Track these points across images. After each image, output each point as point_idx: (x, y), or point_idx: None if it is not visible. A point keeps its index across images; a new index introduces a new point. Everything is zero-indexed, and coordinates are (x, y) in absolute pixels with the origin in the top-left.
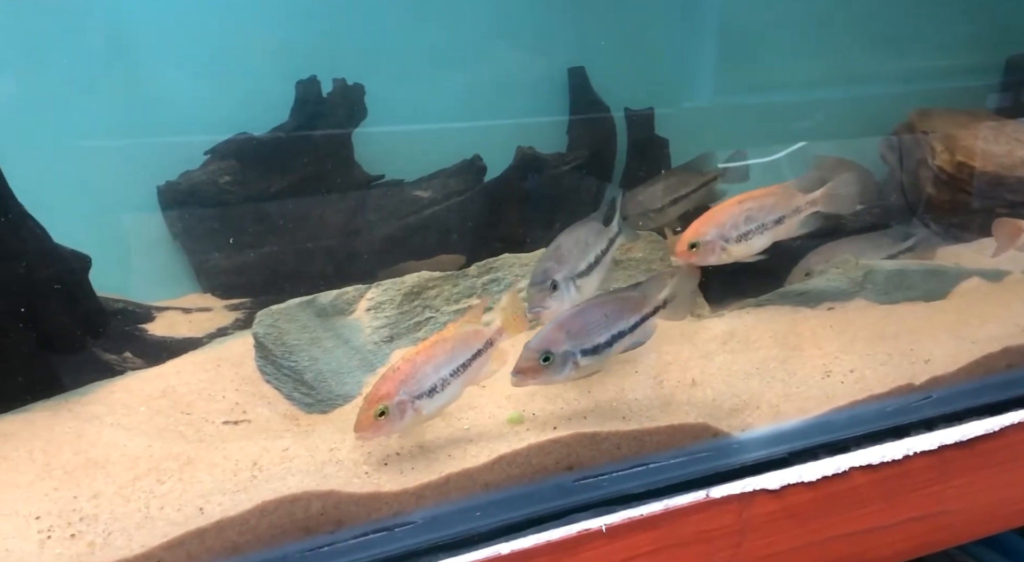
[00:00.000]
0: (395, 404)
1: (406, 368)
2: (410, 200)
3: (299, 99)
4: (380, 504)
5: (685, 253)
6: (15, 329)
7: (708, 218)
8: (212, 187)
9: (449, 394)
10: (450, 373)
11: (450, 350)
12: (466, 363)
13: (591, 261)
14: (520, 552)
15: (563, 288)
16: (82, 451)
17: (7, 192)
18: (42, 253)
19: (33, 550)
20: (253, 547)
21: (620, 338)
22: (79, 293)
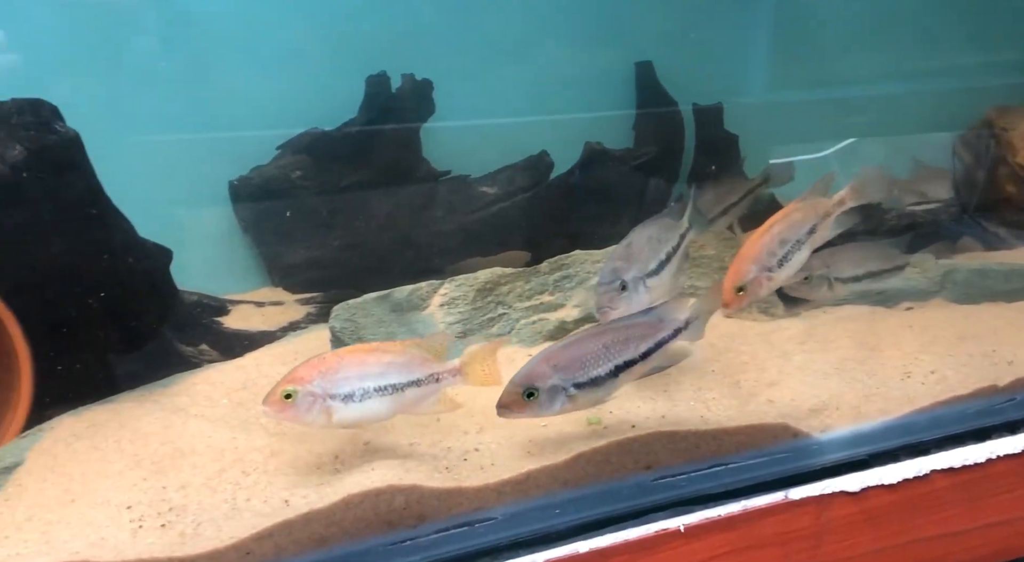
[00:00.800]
0: (304, 392)
1: (331, 361)
2: (476, 196)
3: (369, 94)
4: (461, 499)
5: (735, 299)
6: (103, 320)
7: (744, 256)
8: (283, 182)
9: (369, 409)
10: (375, 387)
11: (385, 364)
12: (398, 386)
13: (662, 259)
14: (598, 551)
15: (632, 288)
16: (169, 442)
17: (97, 187)
18: (128, 246)
19: (126, 539)
20: (338, 540)
21: (628, 367)
22: (161, 286)
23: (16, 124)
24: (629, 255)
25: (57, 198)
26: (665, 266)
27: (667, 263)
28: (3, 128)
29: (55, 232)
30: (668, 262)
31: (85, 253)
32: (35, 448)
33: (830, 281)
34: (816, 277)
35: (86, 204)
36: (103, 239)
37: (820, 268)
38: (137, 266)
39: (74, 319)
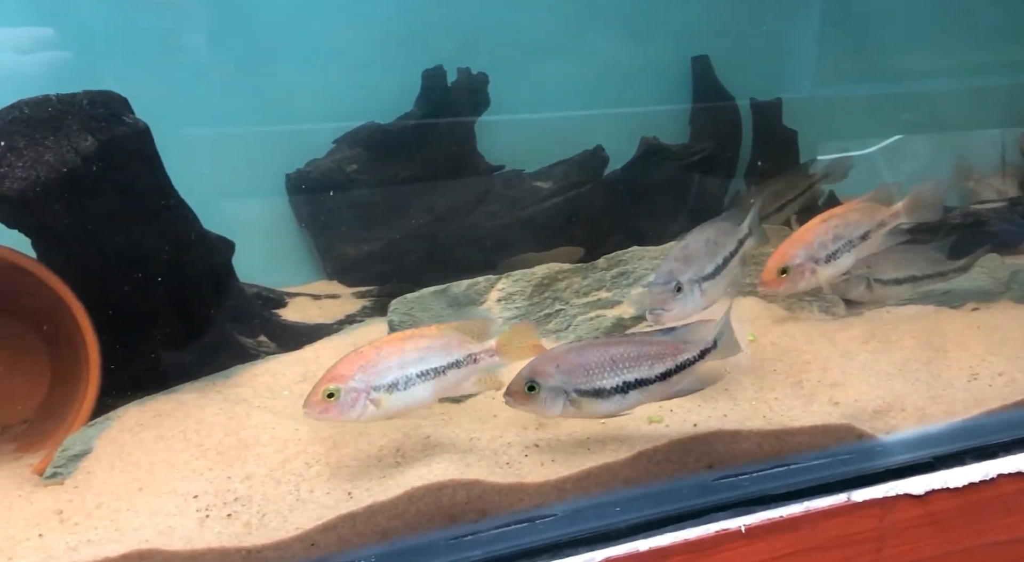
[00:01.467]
0: (347, 389)
1: (369, 354)
2: (530, 191)
3: (425, 88)
4: (522, 495)
5: (775, 281)
6: (168, 312)
7: (795, 239)
8: (339, 175)
9: (414, 396)
10: (417, 374)
11: (423, 349)
12: (440, 369)
13: (719, 263)
14: (658, 550)
15: (688, 291)
16: (233, 432)
17: (165, 178)
18: (194, 238)
19: (194, 528)
20: (401, 533)
21: (641, 386)
22: (224, 278)
23: (88, 116)
24: (686, 256)
25: (127, 189)
26: (722, 271)
27: (723, 268)
28: (76, 120)
29: (125, 223)
30: (725, 267)
31: (153, 245)
32: (103, 437)
33: (869, 281)
34: (855, 277)
35: (155, 196)
36: (170, 231)
37: (861, 268)
38: (202, 258)
39: (141, 310)
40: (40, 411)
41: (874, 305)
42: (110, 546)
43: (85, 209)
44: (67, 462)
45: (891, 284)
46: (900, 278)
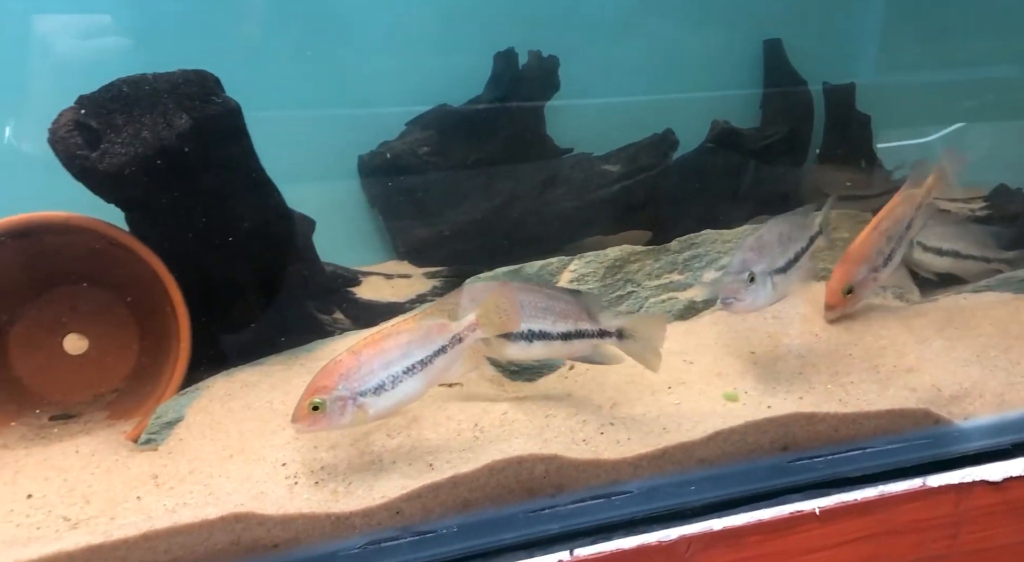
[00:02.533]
0: (332, 399)
1: (349, 361)
2: (599, 174)
3: (496, 71)
4: (599, 471)
5: (842, 301)
6: (254, 286)
7: (854, 256)
8: (411, 157)
9: (403, 392)
10: (403, 370)
11: (404, 344)
12: (425, 360)
13: (791, 258)
14: (731, 529)
15: (760, 282)
16: None
17: (254, 156)
18: (279, 215)
19: (284, 494)
20: (481, 505)
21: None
22: (306, 255)
23: (183, 94)
24: (760, 247)
25: (218, 167)
26: (793, 265)
27: (794, 263)
28: (171, 98)
29: (215, 199)
30: (796, 262)
31: (241, 221)
32: (193, 405)
33: (912, 243)
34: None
35: (244, 173)
36: (257, 208)
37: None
38: (286, 235)
39: (227, 284)
40: (129, 380)
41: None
42: (208, 509)
43: (178, 185)
44: (160, 429)
45: (931, 252)
46: (942, 249)
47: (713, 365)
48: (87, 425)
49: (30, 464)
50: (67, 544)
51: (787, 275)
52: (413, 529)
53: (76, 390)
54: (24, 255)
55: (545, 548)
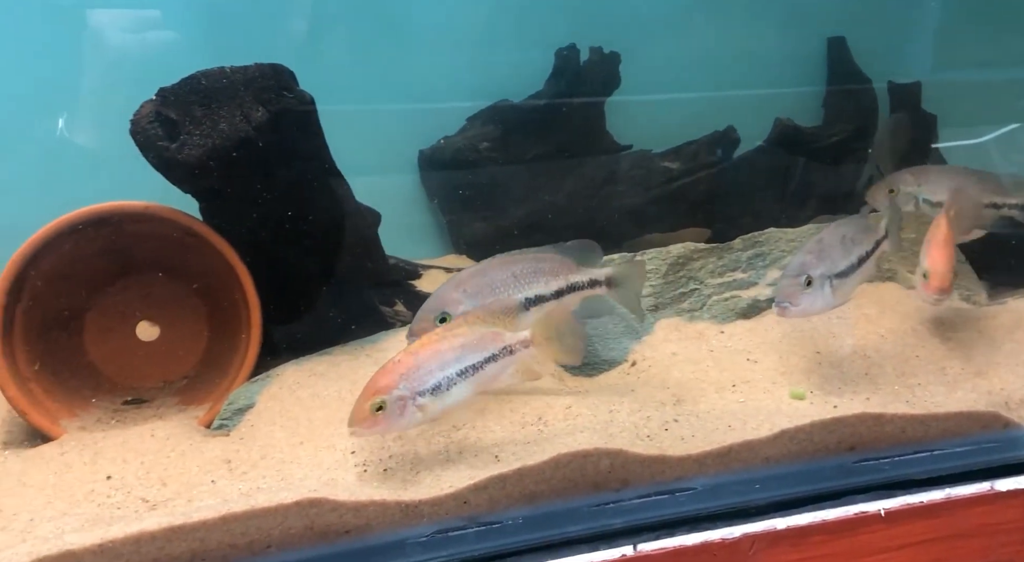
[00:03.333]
0: (393, 399)
1: (408, 361)
2: (658, 171)
3: (557, 67)
4: (664, 467)
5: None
6: (323, 277)
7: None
8: (472, 152)
9: (456, 395)
10: (457, 373)
11: (459, 347)
12: (477, 365)
13: (852, 262)
14: (795, 528)
15: (818, 286)
16: None
17: (326, 150)
18: (347, 208)
19: (353, 481)
20: (547, 497)
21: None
22: (371, 247)
23: (260, 87)
24: (820, 250)
25: (292, 159)
26: (855, 270)
27: (857, 267)
28: (248, 91)
29: (288, 191)
30: (859, 266)
31: (312, 213)
32: (264, 392)
33: (918, 200)
34: (904, 192)
35: (316, 166)
36: (328, 200)
37: (912, 184)
38: (353, 227)
39: (297, 274)
40: (199, 367)
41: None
42: (282, 493)
43: (253, 176)
44: (232, 415)
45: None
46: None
47: (777, 364)
48: (159, 410)
49: (108, 446)
50: (149, 524)
51: (847, 280)
52: (480, 519)
53: (147, 376)
54: (103, 243)
55: (609, 542)
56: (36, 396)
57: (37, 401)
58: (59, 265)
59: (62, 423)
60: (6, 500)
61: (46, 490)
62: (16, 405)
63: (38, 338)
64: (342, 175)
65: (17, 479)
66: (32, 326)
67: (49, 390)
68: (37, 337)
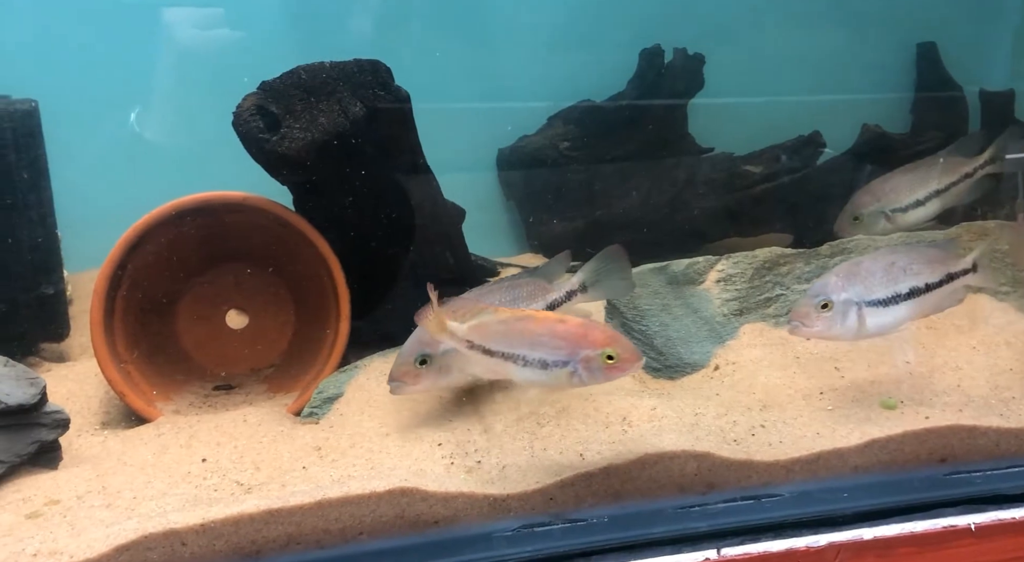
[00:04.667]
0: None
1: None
2: (740, 175)
3: (641, 68)
4: (751, 473)
5: None
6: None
7: None
8: (552, 151)
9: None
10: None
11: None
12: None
13: (900, 292)
14: (882, 539)
15: (839, 311)
16: (470, 389)
17: (419, 145)
18: (436, 204)
19: (442, 473)
20: (632, 497)
21: None
22: (455, 242)
23: (358, 83)
24: (851, 274)
25: (387, 153)
26: (900, 302)
27: (905, 299)
28: (347, 86)
29: (381, 185)
30: (908, 299)
31: (403, 207)
32: (352, 383)
33: (887, 214)
34: (869, 213)
35: (409, 161)
36: (418, 194)
37: (871, 203)
38: (440, 222)
39: (386, 267)
40: (285, 356)
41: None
42: (375, 482)
43: (348, 170)
44: (322, 403)
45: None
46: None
47: (866, 373)
48: (248, 397)
49: (202, 430)
50: (248, 507)
51: (890, 309)
52: (565, 516)
53: (236, 363)
54: (201, 231)
55: (693, 545)
56: (133, 379)
57: (134, 383)
58: (158, 252)
59: (157, 406)
60: (109, 478)
61: (146, 470)
62: (115, 387)
63: (136, 323)
64: (431, 171)
65: (118, 458)
66: (130, 311)
67: (145, 373)
68: (135, 322)
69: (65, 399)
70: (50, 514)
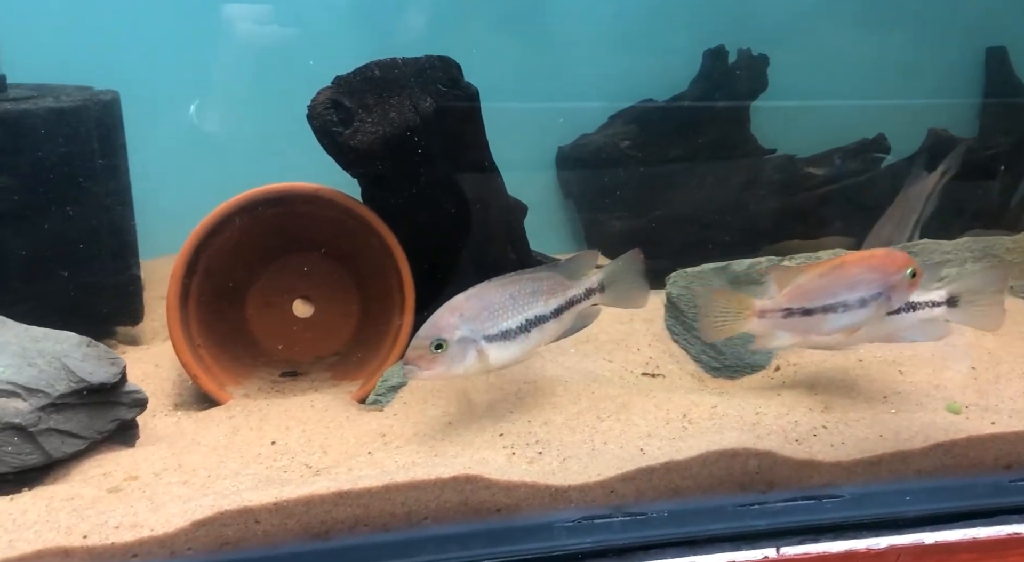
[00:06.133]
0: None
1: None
2: (802, 177)
3: (704, 67)
4: (812, 473)
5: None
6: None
7: None
8: (612, 150)
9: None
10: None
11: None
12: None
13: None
14: (944, 545)
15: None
16: (531, 381)
17: (486, 141)
18: (500, 199)
19: (503, 463)
20: (692, 493)
21: (540, 323)
22: (518, 238)
23: (429, 78)
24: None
25: (455, 148)
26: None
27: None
28: (418, 82)
29: (449, 179)
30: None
31: (470, 202)
32: None
33: None
34: None
35: (477, 157)
36: (484, 190)
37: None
38: (504, 217)
39: (450, 260)
40: (349, 345)
41: None
42: (440, 468)
43: (418, 164)
44: (386, 392)
45: None
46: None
47: (930, 377)
48: (314, 383)
49: (272, 413)
50: (318, 488)
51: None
52: (625, 509)
53: (301, 351)
54: (273, 222)
55: (752, 543)
56: (206, 362)
57: (207, 367)
58: (232, 240)
59: (228, 389)
60: (184, 457)
61: (218, 450)
62: (189, 370)
63: (208, 309)
64: (497, 168)
65: (192, 439)
66: (204, 298)
67: (216, 358)
68: (207, 308)
69: (140, 381)
70: (130, 489)
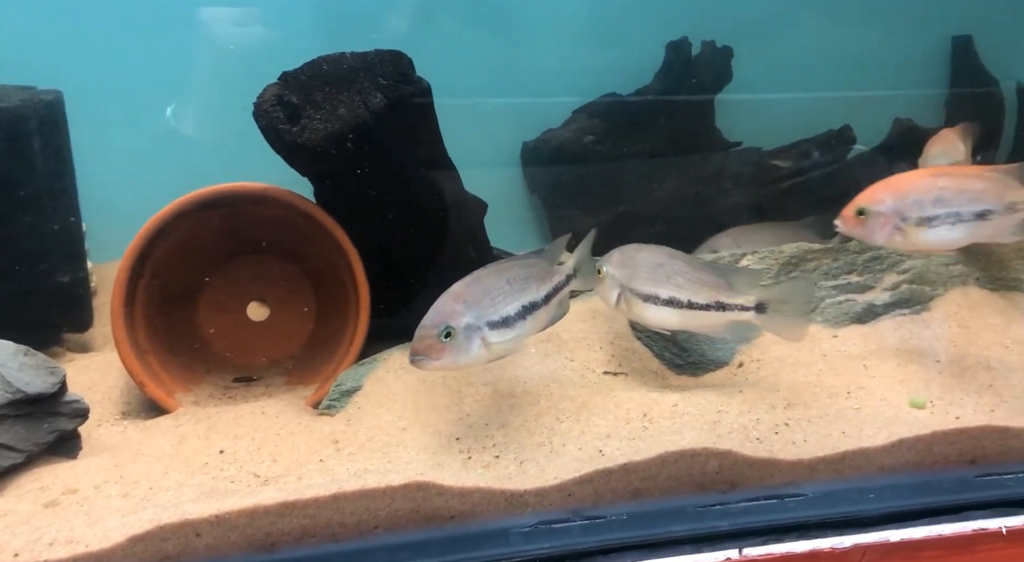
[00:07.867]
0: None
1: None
2: (768, 169)
3: (668, 60)
4: (773, 471)
5: (851, 220)
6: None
7: (892, 186)
8: (576, 145)
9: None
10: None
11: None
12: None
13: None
14: (909, 542)
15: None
16: (489, 383)
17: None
18: (456, 198)
19: (459, 467)
20: (652, 495)
21: (533, 310)
22: (477, 236)
23: (378, 74)
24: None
25: (407, 145)
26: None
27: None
28: (368, 77)
29: (401, 177)
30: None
31: (423, 199)
32: (371, 376)
33: None
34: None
35: (430, 153)
36: (439, 187)
37: (728, 247)
38: (462, 216)
39: (406, 259)
40: (306, 349)
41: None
42: (391, 475)
43: (369, 161)
44: (340, 397)
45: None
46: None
47: (895, 371)
48: (268, 388)
49: (221, 421)
50: (263, 499)
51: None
52: (584, 513)
53: (256, 355)
54: (222, 223)
55: (714, 544)
56: (154, 369)
57: (154, 374)
58: (179, 243)
59: (177, 396)
60: (127, 468)
61: (164, 460)
62: (135, 377)
63: (156, 314)
64: (453, 164)
65: (137, 448)
66: (152, 301)
67: (165, 364)
68: (156, 313)
69: (87, 389)
70: (67, 503)
